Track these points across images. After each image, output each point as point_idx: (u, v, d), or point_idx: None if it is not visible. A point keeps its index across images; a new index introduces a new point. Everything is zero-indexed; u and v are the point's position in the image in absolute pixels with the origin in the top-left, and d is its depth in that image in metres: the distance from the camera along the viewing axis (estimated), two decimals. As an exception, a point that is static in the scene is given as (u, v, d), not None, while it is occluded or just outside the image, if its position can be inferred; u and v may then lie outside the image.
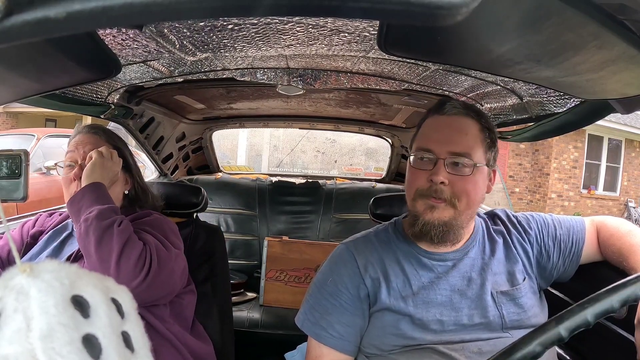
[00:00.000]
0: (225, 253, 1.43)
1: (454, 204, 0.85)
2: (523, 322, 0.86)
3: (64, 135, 5.88)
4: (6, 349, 0.25)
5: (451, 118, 0.88)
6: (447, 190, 0.84)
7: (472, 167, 0.85)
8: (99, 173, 1.00)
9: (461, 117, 0.88)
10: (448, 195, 0.84)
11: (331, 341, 0.88)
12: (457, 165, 0.85)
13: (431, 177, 0.84)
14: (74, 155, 1.08)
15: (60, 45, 0.59)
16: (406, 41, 0.67)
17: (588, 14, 0.45)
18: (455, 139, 0.86)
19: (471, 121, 0.88)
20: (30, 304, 0.27)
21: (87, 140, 1.10)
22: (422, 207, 0.86)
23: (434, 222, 0.85)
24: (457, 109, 0.88)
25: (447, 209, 0.85)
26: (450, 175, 0.84)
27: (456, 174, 0.84)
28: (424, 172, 0.86)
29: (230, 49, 0.95)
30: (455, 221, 0.86)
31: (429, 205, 0.86)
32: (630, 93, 0.69)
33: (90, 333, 0.27)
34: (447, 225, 0.85)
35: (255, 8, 0.24)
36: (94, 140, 1.10)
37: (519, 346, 0.50)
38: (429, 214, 0.86)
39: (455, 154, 0.85)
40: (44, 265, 0.28)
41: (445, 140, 0.86)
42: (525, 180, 10.64)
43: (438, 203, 0.85)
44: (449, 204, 0.85)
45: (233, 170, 3.00)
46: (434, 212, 0.85)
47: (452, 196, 0.84)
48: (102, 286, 0.31)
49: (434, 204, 0.85)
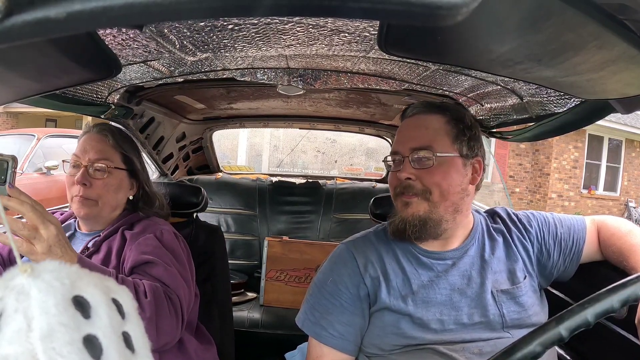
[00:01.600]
0: (225, 253, 1.43)
1: (426, 197, 0.87)
2: (523, 321, 0.86)
3: (64, 135, 5.89)
4: (6, 349, 0.25)
5: (412, 118, 0.93)
6: (416, 185, 0.87)
7: (433, 158, 0.87)
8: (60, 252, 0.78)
9: (421, 115, 0.92)
10: (419, 189, 0.87)
11: (331, 341, 0.89)
12: (421, 159, 0.87)
13: (398, 175, 0.89)
14: (79, 159, 1.06)
15: (61, 45, 0.59)
16: (406, 41, 0.67)
17: (588, 14, 0.45)
18: (414, 136, 0.90)
19: (433, 116, 0.91)
20: (30, 304, 0.27)
21: (94, 141, 1.07)
22: (400, 205, 0.90)
23: (409, 217, 0.88)
24: (418, 108, 0.93)
25: (421, 203, 0.87)
26: (416, 171, 0.87)
27: (421, 167, 0.87)
28: (395, 173, 0.91)
29: (231, 49, 0.95)
30: (432, 214, 0.87)
31: (403, 202, 0.89)
32: (630, 93, 0.69)
33: (91, 333, 0.27)
34: (422, 219, 0.87)
35: (256, 8, 0.24)
36: (101, 145, 1.07)
37: (519, 346, 0.50)
38: (405, 211, 0.89)
39: (415, 149, 0.88)
40: (44, 265, 0.28)
41: (406, 139, 0.90)
42: (525, 180, 10.64)
43: (410, 199, 0.88)
44: (422, 198, 0.87)
45: (233, 170, 3.00)
46: (409, 208, 0.88)
47: (424, 190, 0.87)
48: (103, 286, 0.31)
49: (407, 200, 0.88)
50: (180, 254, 1.06)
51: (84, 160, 1.05)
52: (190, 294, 1.03)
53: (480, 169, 0.93)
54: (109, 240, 1.06)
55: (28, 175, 4.94)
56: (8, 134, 6.26)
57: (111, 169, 1.06)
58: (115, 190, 1.08)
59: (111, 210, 1.09)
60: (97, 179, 1.04)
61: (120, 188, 1.09)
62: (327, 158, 6.29)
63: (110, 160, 1.07)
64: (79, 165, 1.05)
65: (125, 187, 1.11)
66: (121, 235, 1.06)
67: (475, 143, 0.92)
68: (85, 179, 1.03)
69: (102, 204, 1.05)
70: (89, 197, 1.04)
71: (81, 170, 1.04)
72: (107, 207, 1.07)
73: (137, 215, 1.12)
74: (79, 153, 1.06)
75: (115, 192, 1.08)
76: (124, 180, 1.10)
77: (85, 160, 1.05)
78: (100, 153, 1.06)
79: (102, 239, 1.06)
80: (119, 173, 1.08)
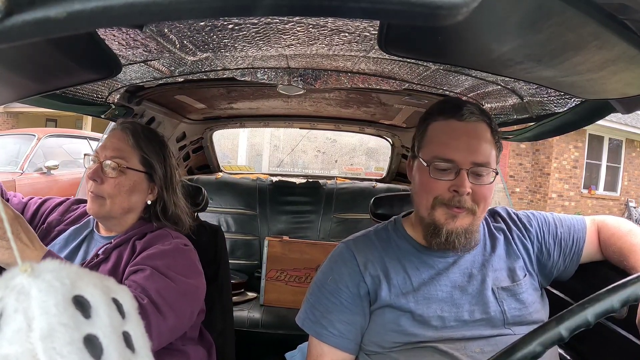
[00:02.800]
0: (225, 253, 1.43)
1: (474, 211, 0.84)
2: (524, 318, 0.86)
3: (65, 135, 5.90)
4: (7, 349, 0.25)
5: (469, 125, 0.85)
6: (468, 200, 0.84)
7: (493, 174, 0.85)
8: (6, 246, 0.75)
9: (478, 122, 0.86)
10: (470, 204, 0.84)
11: (332, 339, 0.89)
12: (480, 176, 0.84)
13: (456, 189, 0.83)
14: (97, 155, 1.02)
15: (61, 45, 0.59)
16: (406, 41, 0.67)
17: (588, 14, 0.45)
18: (477, 148, 0.84)
19: (485, 126, 0.87)
20: (31, 304, 0.27)
21: (114, 139, 1.03)
22: (443, 216, 0.85)
23: (458, 230, 0.84)
24: (475, 115, 0.86)
25: (467, 216, 0.85)
26: (472, 185, 0.83)
27: (479, 183, 0.84)
28: (445, 182, 0.84)
29: (231, 49, 0.95)
30: (473, 227, 0.86)
31: (450, 215, 0.85)
32: (630, 93, 0.69)
33: (91, 333, 0.27)
34: (467, 231, 0.85)
35: (256, 8, 0.24)
36: (120, 143, 1.02)
37: (520, 346, 0.50)
38: (452, 223, 0.84)
39: (478, 165, 0.83)
40: (44, 265, 0.28)
41: (467, 149, 0.84)
42: (525, 180, 10.64)
43: (459, 212, 0.84)
44: (469, 212, 0.84)
45: (233, 170, 3.00)
46: (456, 220, 0.84)
47: (473, 204, 0.84)
48: (103, 286, 0.31)
49: (455, 214, 0.84)
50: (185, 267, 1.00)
51: (101, 156, 1.01)
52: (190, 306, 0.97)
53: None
54: (119, 249, 1.01)
55: (28, 175, 4.95)
56: (8, 134, 6.26)
57: (124, 168, 1.01)
58: (128, 191, 1.02)
59: (123, 212, 1.03)
60: (109, 176, 1.00)
61: (134, 190, 1.03)
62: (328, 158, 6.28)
63: (125, 160, 1.01)
64: (97, 161, 1.02)
65: (141, 190, 1.04)
66: (132, 246, 1.02)
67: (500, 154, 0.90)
68: (97, 175, 0.99)
69: (111, 203, 1.00)
70: (99, 194, 1.00)
71: (95, 166, 1.00)
72: (117, 207, 1.01)
73: (152, 226, 1.06)
74: (99, 149, 1.03)
75: (127, 194, 1.02)
76: (139, 183, 1.04)
77: (102, 156, 1.01)
78: (117, 151, 1.01)
79: (113, 246, 1.02)
80: (134, 174, 1.02)
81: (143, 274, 0.92)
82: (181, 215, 1.11)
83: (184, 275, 0.97)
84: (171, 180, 1.09)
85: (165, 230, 1.06)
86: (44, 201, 1.16)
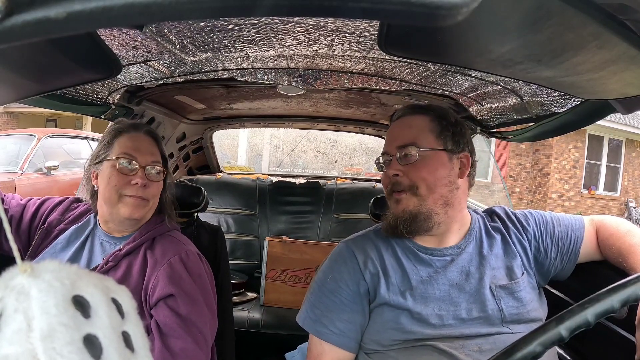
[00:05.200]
0: (225, 253, 1.43)
1: (414, 192, 0.90)
2: (522, 316, 0.87)
3: (65, 136, 5.90)
4: (7, 349, 0.25)
5: (398, 121, 0.97)
6: (404, 181, 0.91)
7: (418, 152, 0.90)
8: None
9: (406, 117, 0.96)
10: (406, 185, 0.91)
11: (332, 338, 0.89)
12: (406, 155, 0.91)
13: (386, 172, 0.94)
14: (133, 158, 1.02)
15: (61, 45, 0.59)
16: (406, 41, 0.67)
17: (588, 14, 0.45)
18: (399, 135, 0.94)
19: (418, 116, 0.95)
20: (30, 304, 0.27)
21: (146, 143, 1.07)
22: (392, 203, 0.94)
23: (400, 213, 0.91)
24: (403, 111, 0.97)
25: (410, 198, 0.90)
26: (403, 167, 0.91)
27: (407, 163, 0.91)
28: (385, 172, 0.95)
29: (231, 49, 0.95)
30: (422, 208, 0.90)
31: (395, 199, 0.93)
32: (630, 93, 0.69)
33: (91, 333, 0.27)
34: (412, 213, 0.90)
35: (256, 8, 0.24)
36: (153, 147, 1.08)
37: (520, 346, 0.50)
38: (396, 207, 0.92)
39: (401, 147, 0.92)
40: (44, 265, 0.28)
41: (393, 138, 0.95)
42: (525, 180, 10.64)
43: (400, 195, 0.91)
44: (410, 194, 0.90)
45: (233, 170, 3.01)
46: (400, 204, 0.92)
47: (411, 185, 0.90)
48: (103, 286, 0.31)
49: (398, 197, 0.92)
50: (205, 280, 1.04)
51: (142, 160, 1.03)
52: (214, 320, 1.03)
53: (468, 163, 0.95)
54: (129, 257, 1.02)
55: (28, 176, 4.95)
56: (8, 134, 6.26)
57: (163, 170, 1.08)
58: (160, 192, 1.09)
59: (151, 212, 1.09)
60: (153, 181, 1.04)
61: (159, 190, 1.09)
62: (327, 158, 6.29)
63: (161, 164, 1.08)
64: (135, 165, 1.02)
65: (161, 189, 1.11)
66: (143, 255, 1.02)
67: (460, 138, 0.94)
68: (145, 179, 1.02)
69: (152, 204, 1.06)
70: (145, 197, 1.03)
71: (139, 171, 1.02)
72: (153, 209, 1.08)
73: (157, 228, 1.08)
74: (133, 152, 1.03)
75: (159, 195, 1.09)
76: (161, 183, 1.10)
77: (143, 160, 1.03)
78: (155, 155, 1.06)
79: (123, 254, 1.01)
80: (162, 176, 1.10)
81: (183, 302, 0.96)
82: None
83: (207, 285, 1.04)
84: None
85: (174, 237, 1.09)
86: (43, 201, 1.16)
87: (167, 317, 0.93)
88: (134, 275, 0.99)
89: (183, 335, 0.93)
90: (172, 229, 1.13)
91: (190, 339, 0.93)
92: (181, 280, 0.98)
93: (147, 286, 0.98)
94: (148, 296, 0.97)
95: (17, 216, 1.10)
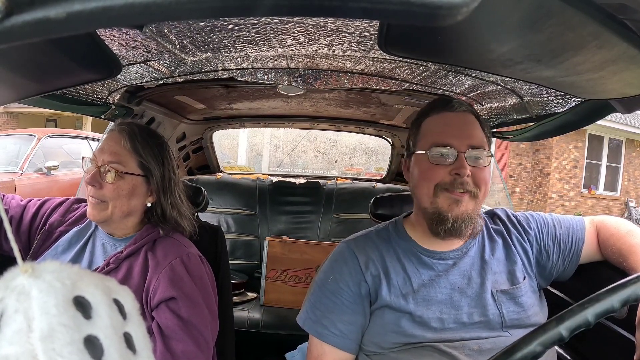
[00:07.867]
0: (226, 253, 1.42)
1: (475, 195, 0.86)
2: (523, 321, 0.86)
3: (65, 136, 5.90)
4: (7, 350, 0.25)
5: (461, 114, 0.90)
6: (470, 182, 0.85)
7: (488, 158, 0.88)
8: None
9: (468, 113, 0.91)
10: (471, 187, 0.85)
11: (333, 339, 0.89)
12: (477, 158, 0.87)
13: (457, 171, 0.85)
14: (95, 159, 1.00)
15: (61, 45, 0.59)
16: (406, 41, 0.67)
17: (588, 14, 0.45)
18: (471, 133, 0.88)
19: (474, 117, 0.91)
20: (31, 304, 0.26)
21: (111, 142, 1.01)
22: (447, 202, 0.86)
23: (464, 215, 0.85)
24: (464, 106, 0.91)
25: (470, 201, 0.86)
26: (471, 168, 0.85)
27: (476, 165, 0.86)
28: (444, 167, 0.86)
29: (231, 49, 0.95)
30: (475, 212, 0.88)
31: (453, 199, 0.85)
32: (630, 93, 0.69)
33: (92, 334, 0.27)
34: (471, 217, 0.87)
35: (256, 8, 0.24)
36: (117, 146, 1.00)
37: (520, 346, 0.50)
38: (457, 209, 0.85)
39: (474, 147, 0.87)
40: (45, 266, 0.28)
41: (462, 135, 0.87)
42: (525, 180, 10.64)
43: (462, 196, 0.85)
44: (470, 197, 0.86)
45: (233, 170, 3.01)
46: (460, 205, 0.85)
47: (474, 188, 0.86)
48: (104, 287, 0.30)
49: (459, 198, 0.85)
50: (207, 282, 1.03)
51: (99, 160, 0.99)
52: (215, 323, 1.02)
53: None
54: (130, 259, 1.01)
55: (28, 176, 4.95)
56: (8, 134, 6.26)
57: (121, 173, 0.99)
58: (128, 195, 1.00)
59: (123, 216, 1.02)
60: (107, 182, 0.98)
61: (133, 194, 1.01)
62: (328, 158, 6.29)
63: (123, 165, 0.99)
64: (93, 165, 1.00)
65: (140, 193, 1.03)
66: (144, 257, 1.01)
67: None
68: (95, 180, 0.98)
69: (112, 207, 0.99)
70: (99, 198, 0.99)
71: (93, 172, 0.98)
72: (117, 211, 1.00)
73: (159, 232, 1.05)
74: (97, 152, 1.01)
75: (127, 198, 1.00)
76: (138, 187, 1.02)
77: (100, 160, 0.99)
78: (114, 155, 0.99)
79: (125, 256, 1.01)
80: (132, 178, 1.00)
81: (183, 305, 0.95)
82: (179, 220, 1.09)
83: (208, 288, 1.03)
84: (169, 183, 1.07)
85: (175, 239, 1.07)
86: (44, 202, 1.15)
87: (169, 319, 0.93)
88: (135, 277, 0.99)
89: (184, 337, 0.93)
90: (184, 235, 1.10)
91: (192, 342, 0.93)
92: (182, 283, 0.97)
93: (148, 288, 0.97)
94: (149, 298, 0.97)
95: (17, 217, 1.10)
